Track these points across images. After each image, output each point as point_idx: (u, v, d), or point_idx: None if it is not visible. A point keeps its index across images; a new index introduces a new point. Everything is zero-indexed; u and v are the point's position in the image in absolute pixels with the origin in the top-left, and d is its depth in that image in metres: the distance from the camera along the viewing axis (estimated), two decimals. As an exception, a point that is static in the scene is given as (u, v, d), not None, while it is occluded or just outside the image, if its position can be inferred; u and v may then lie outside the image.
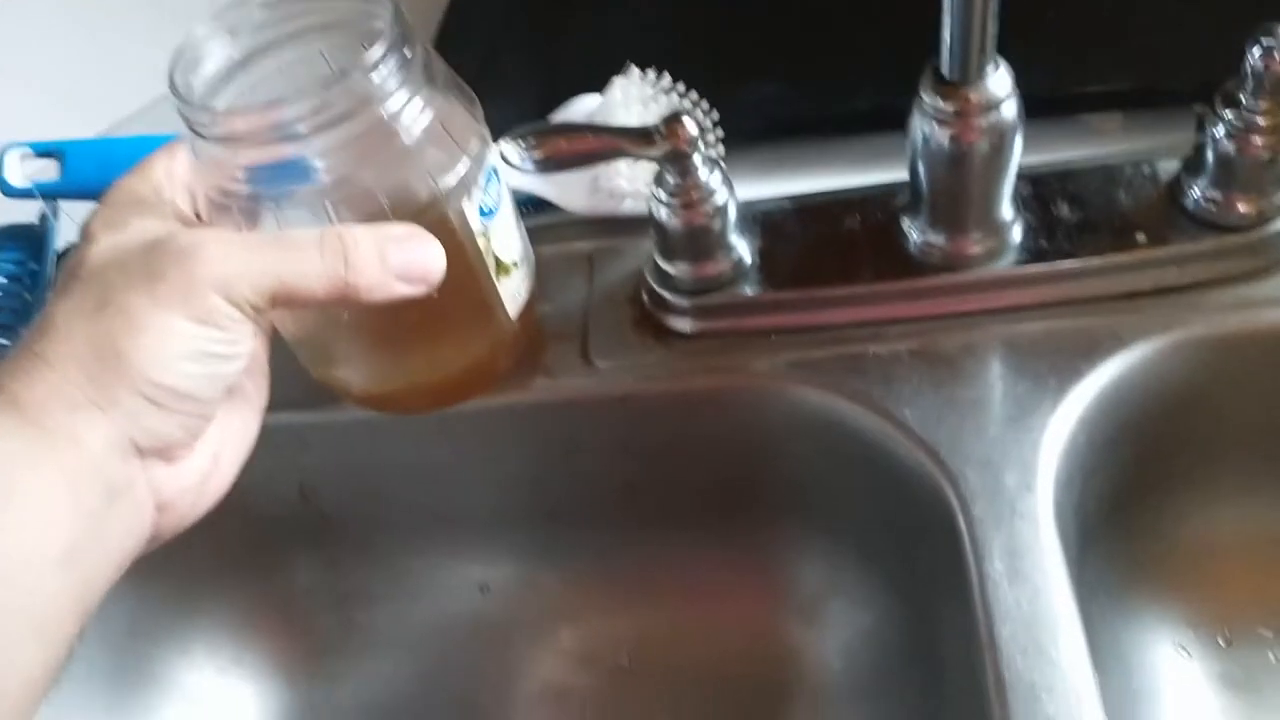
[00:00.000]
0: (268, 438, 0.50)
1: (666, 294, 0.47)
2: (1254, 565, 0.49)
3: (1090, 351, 0.43)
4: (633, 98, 0.50)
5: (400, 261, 0.34)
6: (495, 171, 0.41)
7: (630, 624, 0.54)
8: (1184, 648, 0.49)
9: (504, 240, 0.42)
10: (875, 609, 0.50)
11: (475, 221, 0.40)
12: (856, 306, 0.46)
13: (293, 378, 0.51)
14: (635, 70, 0.50)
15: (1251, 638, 0.49)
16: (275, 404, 0.50)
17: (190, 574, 0.54)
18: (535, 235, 0.53)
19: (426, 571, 0.55)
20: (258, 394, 0.38)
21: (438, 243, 0.35)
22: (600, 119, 0.50)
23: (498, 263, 0.42)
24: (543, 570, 0.55)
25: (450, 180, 0.38)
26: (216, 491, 0.35)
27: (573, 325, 0.49)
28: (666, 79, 0.51)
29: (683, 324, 0.48)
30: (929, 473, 0.42)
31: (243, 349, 0.32)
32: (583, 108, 0.52)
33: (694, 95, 0.51)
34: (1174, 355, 0.44)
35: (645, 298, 0.49)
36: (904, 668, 0.48)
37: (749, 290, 0.47)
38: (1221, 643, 0.49)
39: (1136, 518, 0.48)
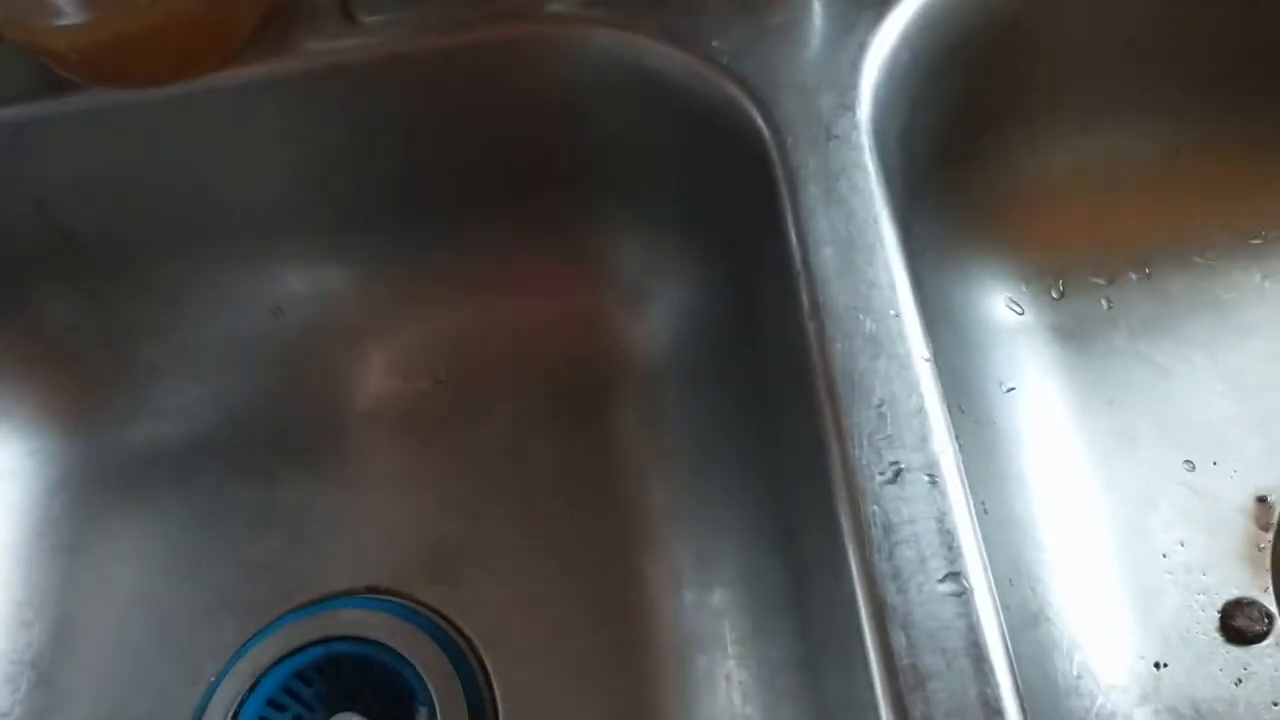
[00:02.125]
0: (-20, 139, 0.43)
1: (435, -72, 0.40)
2: (1088, 210, 0.47)
3: (914, -38, 0.39)
4: None
5: None
6: None
7: (441, 332, 0.49)
8: (1016, 303, 0.47)
9: None
10: (697, 284, 0.46)
11: None
12: (655, -71, 0.40)
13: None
14: None
15: (1084, 287, 0.47)
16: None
17: (-79, 314, 0.46)
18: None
19: (207, 294, 0.49)
20: None
21: None
22: None
23: None
24: (338, 282, 0.49)
25: None
26: None
27: (332, -22, 0.42)
28: None
29: (458, -35, 0.41)
30: (739, 105, 0.37)
31: None
32: None
33: None
34: (1004, -36, 0.39)
35: (413, -62, 0.41)
36: (732, 342, 0.45)
37: (531, -82, 0.40)
38: (1054, 295, 0.47)
39: (968, 161, 0.45)
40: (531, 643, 0.44)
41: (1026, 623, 0.39)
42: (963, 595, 0.28)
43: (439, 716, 0.42)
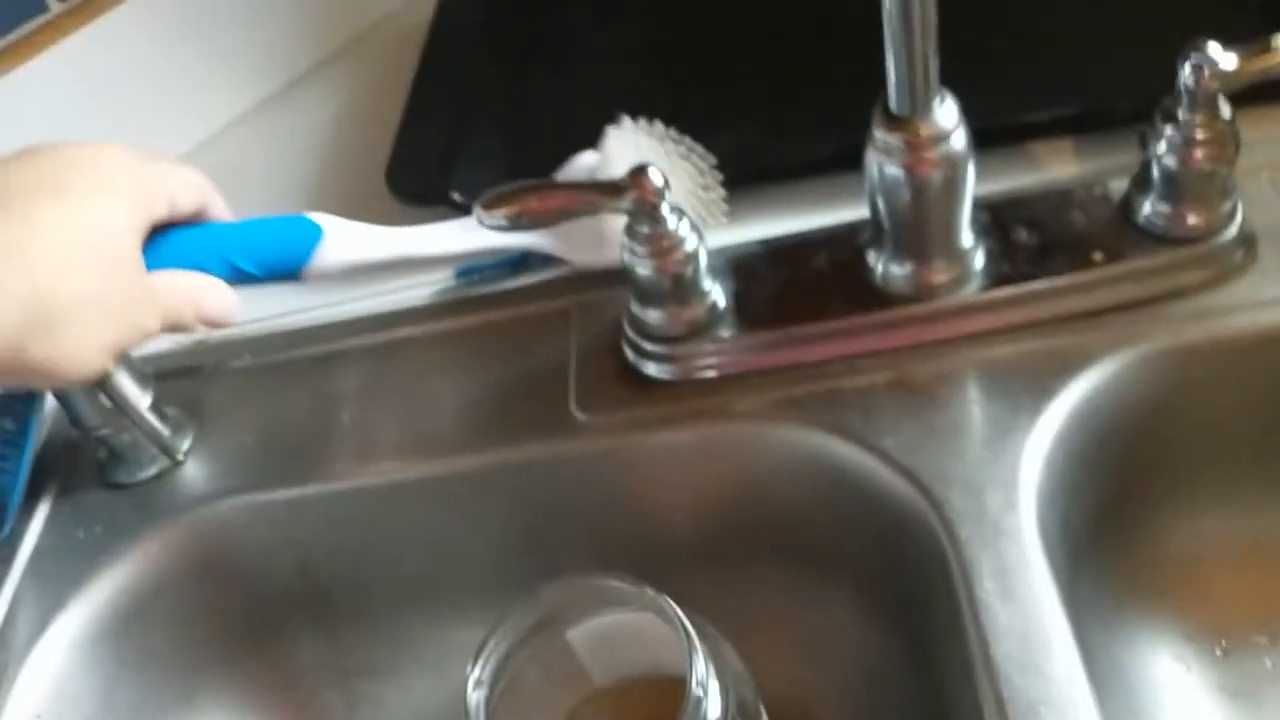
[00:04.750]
0: (264, 514, 0.52)
1: (645, 343, 0.48)
2: (1242, 572, 0.50)
3: (1060, 370, 0.45)
4: (629, 146, 0.50)
5: None
6: None
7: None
8: (1181, 660, 0.49)
9: None
10: (873, 645, 0.50)
11: None
12: (830, 342, 0.47)
13: (283, 454, 0.52)
14: (627, 120, 0.51)
15: (1246, 646, 0.49)
16: (269, 481, 0.51)
17: (191, 655, 0.53)
18: (514, 295, 0.54)
19: (430, 640, 0.55)
20: None
21: None
22: (603, 174, 0.50)
23: None
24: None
25: None
26: None
27: (556, 380, 0.50)
28: (659, 125, 0.51)
29: (663, 371, 0.49)
30: (913, 500, 0.43)
31: None
32: (584, 164, 0.51)
33: (689, 139, 0.52)
34: (1141, 368, 0.45)
35: (625, 348, 0.50)
36: (907, 702, 0.48)
37: (725, 333, 0.48)
38: (1218, 653, 0.49)
39: (1123, 534, 0.49)
40: None
41: None
42: None
43: None
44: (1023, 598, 0.38)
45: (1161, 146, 0.44)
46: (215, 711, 0.55)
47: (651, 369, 0.49)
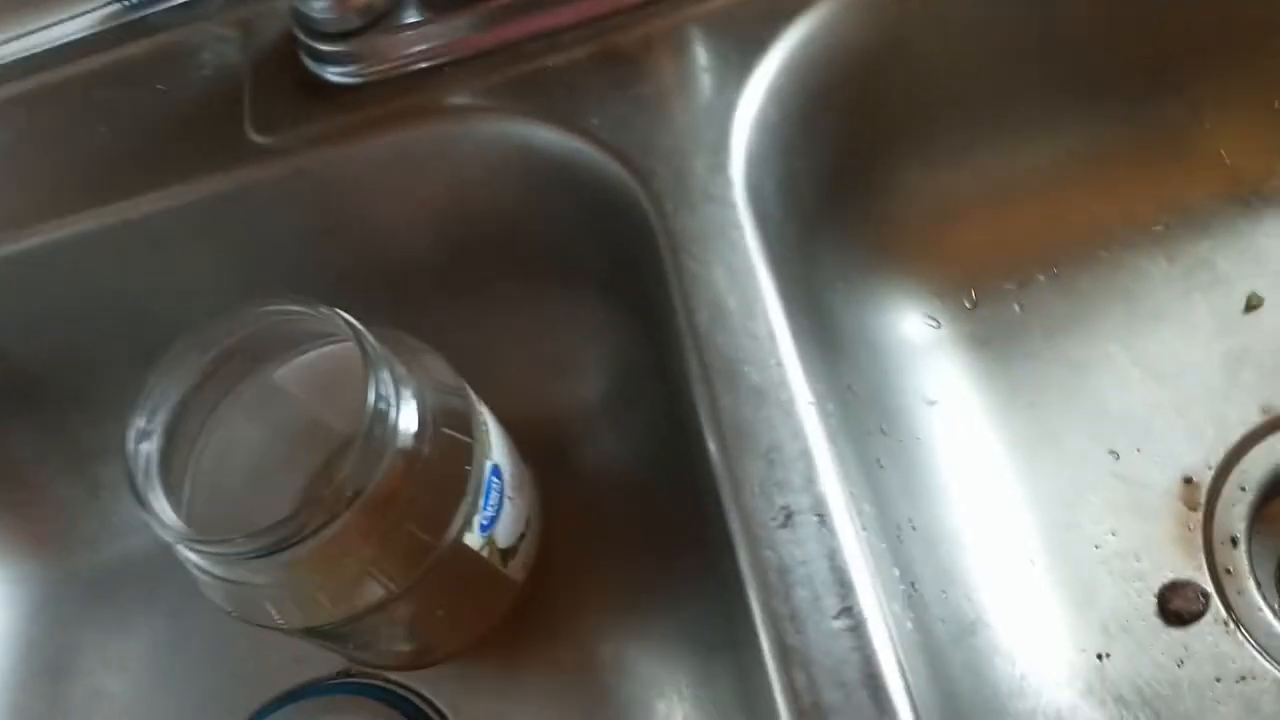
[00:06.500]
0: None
1: (319, 43, 0.42)
2: (988, 219, 0.49)
3: (772, 18, 0.41)
4: None
5: None
6: (495, 471, 0.38)
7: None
8: (932, 318, 0.48)
9: (506, 530, 0.39)
10: (618, 349, 0.48)
11: (478, 541, 0.37)
12: (524, 17, 0.42)
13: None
14: None
15: (995, 294, 0.49)
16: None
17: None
18: (180, 15, 0.47)
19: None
20: None
21: None
22: None
23: (503, 554, 0.40)
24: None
25: (452, 530, 0.36)
26: None
27: (229, 103, 0.44)
28: None
29: (343, 74, 0.43)
30: (622, 179, 0.39)
31: None
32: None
33: None
34: (862, 6, 0.41)
35: (301, 55, 0.43)
36: (653, 400, 0.47)
37: (407, 20, 0.42)
38: (968, 305, 0.49)
39: (861, 194, 0.46)
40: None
41: (964, 631, 0.40)
42: (856, 629, 0.29)
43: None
44: (728, 261, 0.36)
45: None
46: (-59, 521, 0.51)
47: (330, 73, 0.43)
